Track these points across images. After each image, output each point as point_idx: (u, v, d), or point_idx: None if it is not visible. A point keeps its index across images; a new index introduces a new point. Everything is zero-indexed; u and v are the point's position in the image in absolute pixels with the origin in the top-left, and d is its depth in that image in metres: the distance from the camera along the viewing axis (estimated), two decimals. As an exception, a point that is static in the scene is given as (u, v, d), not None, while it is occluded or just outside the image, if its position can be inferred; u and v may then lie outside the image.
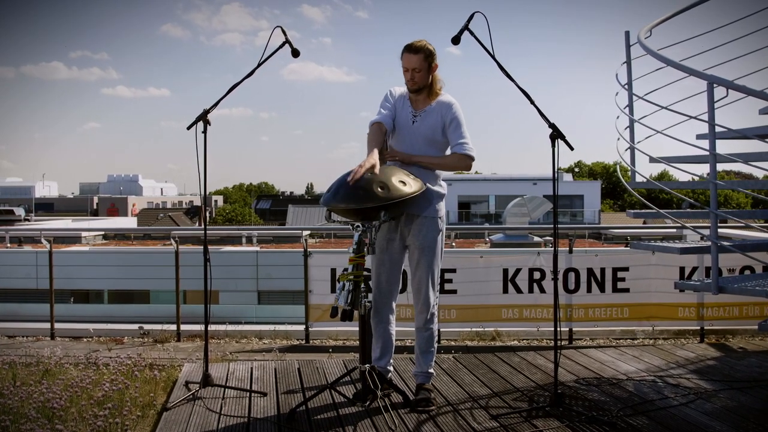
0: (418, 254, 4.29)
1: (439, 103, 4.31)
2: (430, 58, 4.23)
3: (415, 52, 4.20)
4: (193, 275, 6.17)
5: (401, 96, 4.39)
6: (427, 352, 4.42)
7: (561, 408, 4.13)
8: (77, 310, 12.83)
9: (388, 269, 4.35)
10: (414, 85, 4.26)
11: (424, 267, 4.29)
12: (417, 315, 4.39)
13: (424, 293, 4.31)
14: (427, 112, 4.30)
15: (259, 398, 4.49)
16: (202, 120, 4.36)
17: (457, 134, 4.27)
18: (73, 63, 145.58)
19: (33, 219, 53.23)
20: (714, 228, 4.69)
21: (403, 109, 4.36)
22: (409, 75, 4.24)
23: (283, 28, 4.35)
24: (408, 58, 4.22)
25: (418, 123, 4.30)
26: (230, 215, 67.55)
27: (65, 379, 4.71)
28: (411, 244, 4.32)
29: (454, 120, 4.28)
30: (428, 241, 4.29)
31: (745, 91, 4.55)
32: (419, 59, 4.19)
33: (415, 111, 4.32)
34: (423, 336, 4.40)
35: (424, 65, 4.21)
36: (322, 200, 4.10)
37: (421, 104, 4.33)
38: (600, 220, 52.09)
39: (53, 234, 9.04)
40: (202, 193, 4.36)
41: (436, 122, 4.29)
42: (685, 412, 4.19)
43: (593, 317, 7.07)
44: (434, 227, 4.31)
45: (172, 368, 5.32)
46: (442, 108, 4.29)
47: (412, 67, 4.21)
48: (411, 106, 4.35)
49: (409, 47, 4.22)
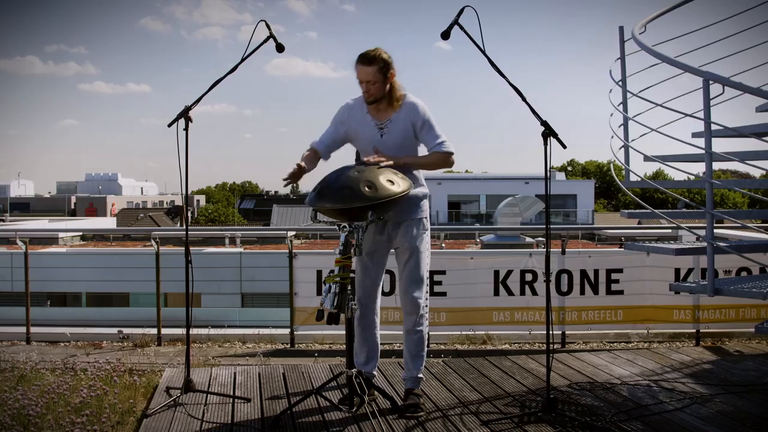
0: (407, 255, 4.31)
1: (403, 108, 4.28)
2: (385, 68, 4.16)
3: (369, 63, 4.14)
4: (174, 277, 6.16)
5: (358, 109, 4.35)
6: (417, 356, 4.42)
7: (553, 413, 4.13)
8: (54, 313, 12.75)
9: (374, 272, 4.36)
10: (370, 97, 4.22)
11: (414, 267, 4.31)
12: (406, 317, 4.39)
13: (414, 295, 4.32)
14: (394, 121, 4.28)
15: (243, 404, 4.48)
16: (184, 117, 4.35)
17: (431, 135, 4.28)
18: (48, 57, 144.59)
19: (8, 219, 52.83)
20: (710, 228, 4.72)
21: (364, 123, 4.33)
22: (365, 87, 4.19)
23: (268, 22, 4.34)
24: (362, 70, 4.16)
25: (386, 135, 4.29)
26: (213, 215, 67.40)
27: (41, 385, 4.68)
28: (400, 245, 4.34)
29: (426, 122, 4.27)
30: (417, 241, 4.31)
31: (742, 88, 4.58)
32: (374, 71, 4.14)
33: (380, 122, 4.30)
34: (413, 339, 4.40)
35: (379, 76, 4.15)
36: (307, 200, 4.09)
37: (383, 114, 4.30)
38: (593, 221, 52.28)
39: (29, 235, 9.00)
40: (184, 193, 4.34)
41: (406, 128, 4.28)
42: (681, 417, 4.21)
43: (586, 320, 7.10)
44: (421, 227, 4.34)
45: (153, 373, 5.30)
46: (409, 113, 4.27)
47: (366, 79, 4.16)
48: (373, 117, 4.32)
49: (362, 58, 4.15)
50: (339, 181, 3.99)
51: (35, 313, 7.80)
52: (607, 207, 76.94)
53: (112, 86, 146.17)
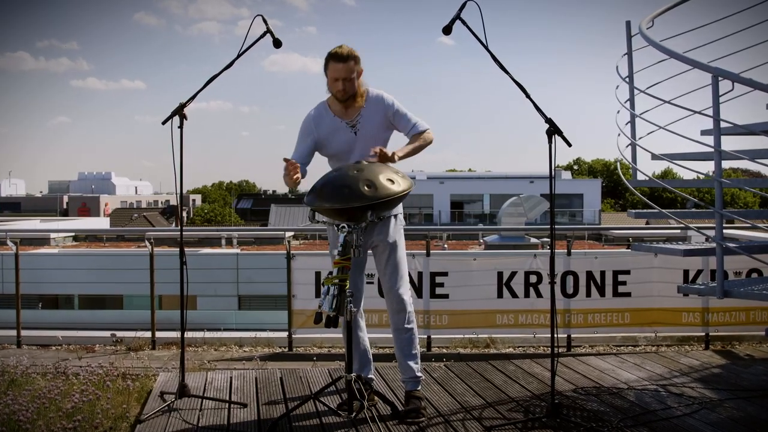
0: (388, 252, 4.37)
1: (370, 101, 4.37)
2: (357, 64, 4.27)
3: (344, 60, 4.22)
4: (168, 279, 6.14)
5: (324, 116, 4.41)
6: (410, 355, 4.43)
7: (558, 419, 4.14)
8: (46, 316, 12.77)
9: (355, 274, 4.37)
10: (344, 94, 4.29)
11: (395, 264, 4.38)
12: (393, 316, 4.41)
13: (399, 291, 4.37)
14: (364, 116, 4.37)
15: (239, 410, 4.49)
16: (178, 114, 4.36)
17: (405, 120, 4.40)
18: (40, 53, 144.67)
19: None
20: (719, 228, 4.72)
21: (334, 126, 4.38)
22: (340, 84, 4.25)
23: (264, 16, 4.35)
24: (336, 68, 4.23)
25: (361, 130, 4.36)
26: (209, 215, 67.44)
27: (32, 390, 4.69)
28: (378, 243, 4.39)
29: (397, 110, 4.39)
30: (394, 237, 4.39)
31: (752, 84, 4.58)
32: (348, 67, 4.23)
33: (350, 120, 4.37)
34: (403, 338, 4.42)
35: (353, 73, 4.25)
36: (305, 200, 4.10)
37: (351, 111, 4.37)
38: (600, 221, 52.29)
39: (20, 235, 8.99)
40: (178, 192, 4.35)
41: (379, 120, 4.38)
42: (689, 422, 4.22)
43: (593, 323, 7.09)
44: (397, 224, 4.43)
45: (147, 378, 5.31)
46: (378, 105, 4.38)
47: (342, 76, 4.23)
48: (341, 118, 4.38)
49: (336, 56, 4.23)
50: (338, 180, 3.99)
51: (26, 315, 7.80)
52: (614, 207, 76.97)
53: (106, 82, 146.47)
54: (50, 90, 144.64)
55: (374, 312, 6.79)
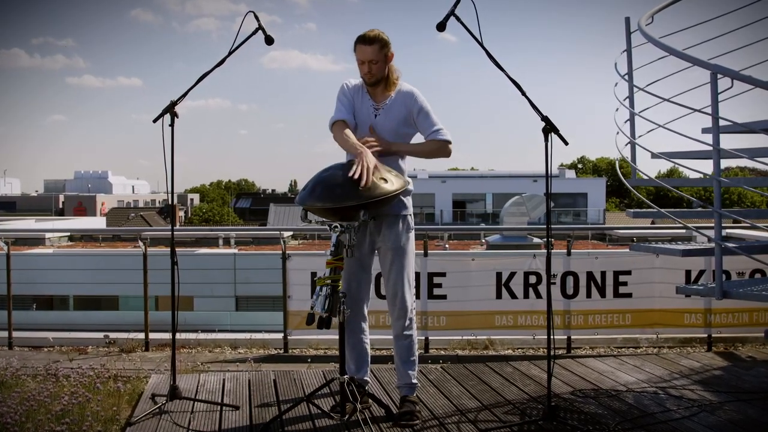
0: (391, 256, 4.33)
1: (399, 93, 4.39)
2: (385, 48, 4.29)
3: (370, 42, 4.25)
4: (163, 280, 6.15)
5: (357, 89, 4.45)
6: (408, 362, 4.43)
7: (554, 422, 4.14)
8: (40, 317, 12.78)
9: (358, 274, 4.37)
10: (371, 77, 4.32)
11: (399, 269, 4.33)
12: (394, 322, 4.41)
13: (401, 297, 4.34)
14: (389, 105, 4.38)
15: (231, 412, 4.50)
16: (169, 112, 4.37)
17: (428, 122, 4.37)
18: (35, 50, 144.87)
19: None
20: (718, 228, 4.72)
21: (362, 103, 4.41)
22: (366, 67, 4.29)
23: (256, 13, 4.36)
24: (363, 50, 4.27)
25: (381, 117, 4.37)
26: (207, 215, 67.42)
27: (21, 392, 4.70)
28: (382, 245, 4.36)
29: (422, 109, 4.37)
30: (400, 241, 4.34)
31: (752, 81, 4.57)
32: (375, 50, 4.25)
33: (376, 104, 4.39)
34: (402, 345, 4.42)
35: (380, 56, 4.27)
36: (297, 199, 4.11)
37: (380, 96, 4.40)
38: (605, 220, 52.25)
39: (14, 235, 8.99)
40: (169, 190, 4.37)
41: (400, 113, 4.37)
42: (687, 425, 4.22)
43: (593, 324, 7.09)
44: (405, 226, 4.37)
45: (138, 380, 5.32)
46: (405, 98, 4.38)
47: (368, 59, 4.27)
48: (371, 99, 4.41)
49: (363, 38, 4.27)
50: (330, 179, 4.00)
51: (19, 316, 7.82)
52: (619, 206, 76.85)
53: (102, 80, 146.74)
54: (46, 88, 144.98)
55: (371, 313, 6.72)
